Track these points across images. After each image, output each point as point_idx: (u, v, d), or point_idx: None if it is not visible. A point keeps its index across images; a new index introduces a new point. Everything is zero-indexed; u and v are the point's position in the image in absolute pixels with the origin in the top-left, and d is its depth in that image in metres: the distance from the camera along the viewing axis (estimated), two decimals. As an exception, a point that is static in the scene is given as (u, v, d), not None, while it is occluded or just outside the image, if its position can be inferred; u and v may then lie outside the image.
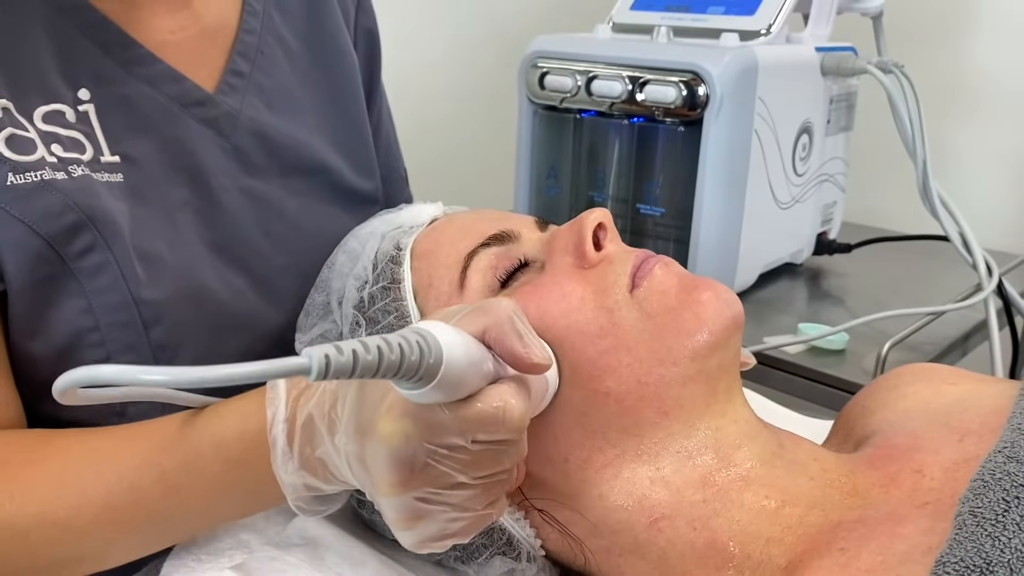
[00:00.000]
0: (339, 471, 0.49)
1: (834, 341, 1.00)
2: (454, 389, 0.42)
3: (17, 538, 0.52)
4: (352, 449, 0.46)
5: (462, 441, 0.43)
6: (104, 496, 0.52)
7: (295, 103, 0.73)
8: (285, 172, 0.70)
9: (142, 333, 0.59)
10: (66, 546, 0.53)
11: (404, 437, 0.43)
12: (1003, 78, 1.43)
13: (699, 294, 0.53)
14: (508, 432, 0.44)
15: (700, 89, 1.01)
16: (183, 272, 0.62)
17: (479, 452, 0.44)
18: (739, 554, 0.49)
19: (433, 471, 0.44)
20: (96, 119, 0.60)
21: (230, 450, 0.52)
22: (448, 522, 0.46)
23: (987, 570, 0.40)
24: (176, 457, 0.53)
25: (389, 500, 0.45)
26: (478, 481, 0.45)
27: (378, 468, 0.44)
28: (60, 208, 0.56)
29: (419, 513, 0.45)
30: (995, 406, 0.54)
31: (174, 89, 0.64)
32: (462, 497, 0.45)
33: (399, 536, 0.48)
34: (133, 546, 0.56)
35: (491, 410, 0.43)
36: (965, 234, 1.09)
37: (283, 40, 0.73)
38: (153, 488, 0.53)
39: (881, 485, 0.50)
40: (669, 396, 0.51)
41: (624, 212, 1.14)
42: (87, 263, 0.57)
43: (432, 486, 0.44)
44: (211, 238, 0.64)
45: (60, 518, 0.52)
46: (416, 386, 0.40)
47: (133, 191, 0.60)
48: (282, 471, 0.51)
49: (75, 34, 0.60)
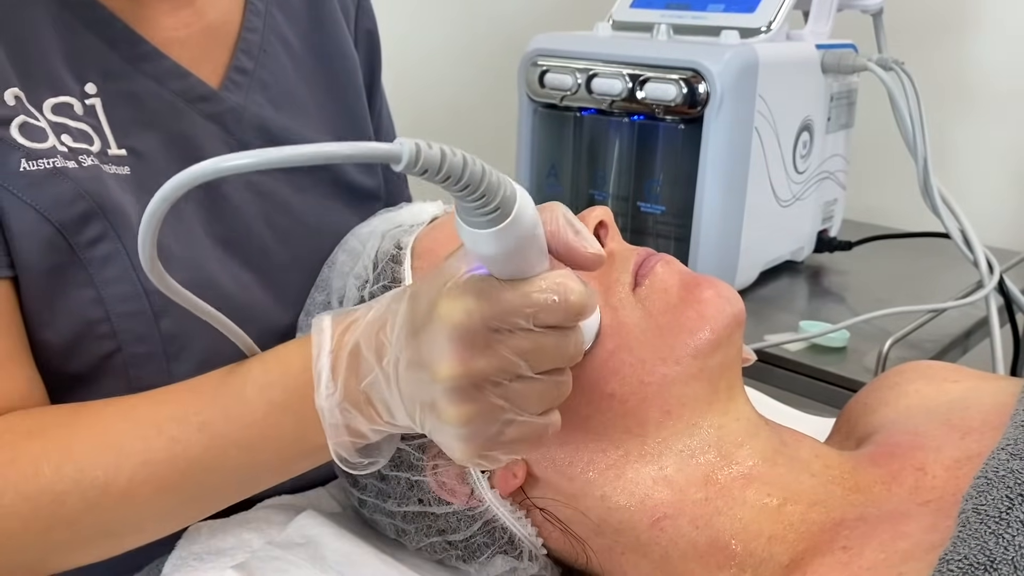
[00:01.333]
0: (385, 404, 0.47)
1: (835, 339, 1.00)
2: (519, 256, 0.41)
3: (56, 503, 0.50)
4: (405, 356, 0.45)
5: (524, 321, 0.42)
6: (143, 452, 0.51)
7: (298, 100, 0.73)
8: (288, 168, 0.70)
9: (153, 323, 0.59)
10: (106, 511, 0.51)
11: (466, 313, 0.41)
12: (1003, 75, 1.43)
13: (701, 292, 0.53)
14: (569, 312, 0.42)
15: (700, 87, 1.01)
16: (190, 264, 0.62)
17: (540, 337, 0.42)
18: (741, 552, 0.49)
19: (493, 354, 0.42)
20: (103, 113, 0.60)
21: (272, 392, 0.51)
22: (505, 425, 0.44)
23: (991, 567, 0.40)
24: (217, 405, 0.52)
25: (446, 387, 0.43)
26: (538, 375, 0.44)
27: (437, 350, 0.42)
28: (71, 196, 0.56)
29: (476, 406, 0.43)
30: (997, 403, 0.54)
31: (179, 85, 0.65)
32: (521, 392, 0.44)
33: (453, 443, 0.45)
34: (173, 508, 0.54)
35: (554, 285, 0.42)
36: (966, 231, 1.09)
37: (285, 39, 0.73)
38: (193, 440, 0.51)
39: (883, 483, 0.50)
40: (672, 395, 0.51)
41: (624, 210, 1.14)
42: (97, 253, 0.57)
43: (492, 371, 0.42)
44: (217, 232, 0.65)
45: (98, 478, 0.50)
46: (489, 221, 0.39)
47: (140, 184, 0.61)
48: (325, 406, 0.48)
49: (82, 30, 0.61)
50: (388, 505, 0.58)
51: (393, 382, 0.46)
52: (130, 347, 0.59)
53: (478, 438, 0.44)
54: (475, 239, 0.40)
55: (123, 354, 0.59)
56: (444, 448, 0.46)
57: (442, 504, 0.56)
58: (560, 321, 0.43)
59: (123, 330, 0.59)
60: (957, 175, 1.44)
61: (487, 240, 0.40)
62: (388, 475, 0.57)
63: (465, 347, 0.42)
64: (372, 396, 0.48)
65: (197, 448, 0.51)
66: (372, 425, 0.49)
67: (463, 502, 0.56)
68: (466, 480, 0.55)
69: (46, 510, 0.50)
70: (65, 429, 0.53)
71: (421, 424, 0.46)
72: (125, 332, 0.59)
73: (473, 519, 0.56)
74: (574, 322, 0.44)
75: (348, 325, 0.49)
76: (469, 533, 0.57)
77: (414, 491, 0.57)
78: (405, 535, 0.60)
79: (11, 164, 0.55)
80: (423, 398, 0.45)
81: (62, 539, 0.52)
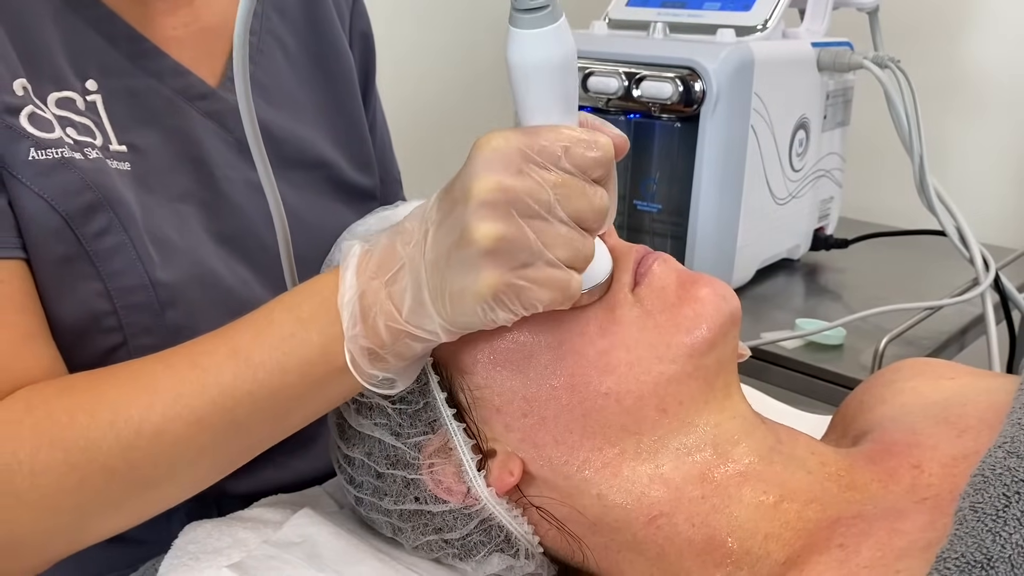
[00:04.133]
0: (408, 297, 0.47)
1: (831, 336, 1.00)
2: (557, 87, 0.45)
3: (91, 449, 0.49)
4: (435, 214, 0.46)
5: (558, 155, 0.44)
6: (175, 386, 0.50)
7: (294, 100, 0.74)
8: (286, 166, 0.71)
9: (159, 315, 0.60)
10: (140, 452, 0.49)
11: (504, 139, 0.44)
12: (999, 72, 1.43)
13: (697, 290, 0.53)
14: (598, 156, 0.45)
15: (696, 85, 1.01)
16: (193, 257, 0.62)
17: (570, 178, 0.45)
18: (737, 550, 0.49)
19: (526, 178, 0.44)
20: (103, 109, 0.61)
21: (300, 309, 0.50)
22: (530, 257, 0.44)
23: (988, 565, 0.40)
24: (247, 331, 0.51)
25: (479, 201, 0.43)
26: (565, 219, 0.45)
27: (472, 173, 0.44)
28: (78, 186, 0.56)
29: (506, 225, 0.44)
30: (993, 401, 0.54)
31: (179, 83, 0.65)
32: (548, 231, 0.44)
33: (478, 269, 0.45)
34: (206, 446, 0.51)
35: (585, 132, 0.46)
36: (962, 229, 1.09)
37: (281, 40, 0.74)
38: (223, 366, 0.50)
39: (880, 480, 0.50)
40: (668, 393, 0.51)
41: (621, 208, 1.14)
42: (103, 245, 0.58)
43: (524, 191, 0.44)
44: (215, 228, 0.65)
45: (132, 418, 0.49)
46: (541, 18, 0.42)
47: (140, 180, 0.61)
48: (345, 301, 0.48)
49: (83, 27, 0.61)
50: (384, 503, 0.58)
51: (419, 257, 0.47)
52: (136, 339, 0.59)
53: (503, 263, 0.44)
54: (525, 44, 0.43)
55: (128, 347, 0.60)
56: (466, 292, 0.45)
57: (438, 502, 0.56)
58: (589, 166, 0.45)
59: (129, 323, 0.59)
60: (953, 173, 1.45)
61: (538, 43, 0.43)
62: (384, 473, 0.57)
63: (501, 165, 0.44)
64: (394, 289, 0.48)
65: (227, 374, 0.50)
66: (390, 322, 0.48)
67: (459, 500, 0.56)
68: (462, 479, 0.55)
69: (81, 457, 0.49)
70: (97, 380, 0.52)
71: (444, 288, 0.46)
72: (131, 324, 0.59)
73: (469, 517, 0.56)
74: (601, 173, 0.46)
75: (377, 237, 0.50)
76: (465, 531, 0.57)
77: (410, 489, 0.57)
78: (401, 533, 0.59)
79: (21, 152, 0.55)
80: (452, 239, 0.45)
81: (96, 494, 0.50)
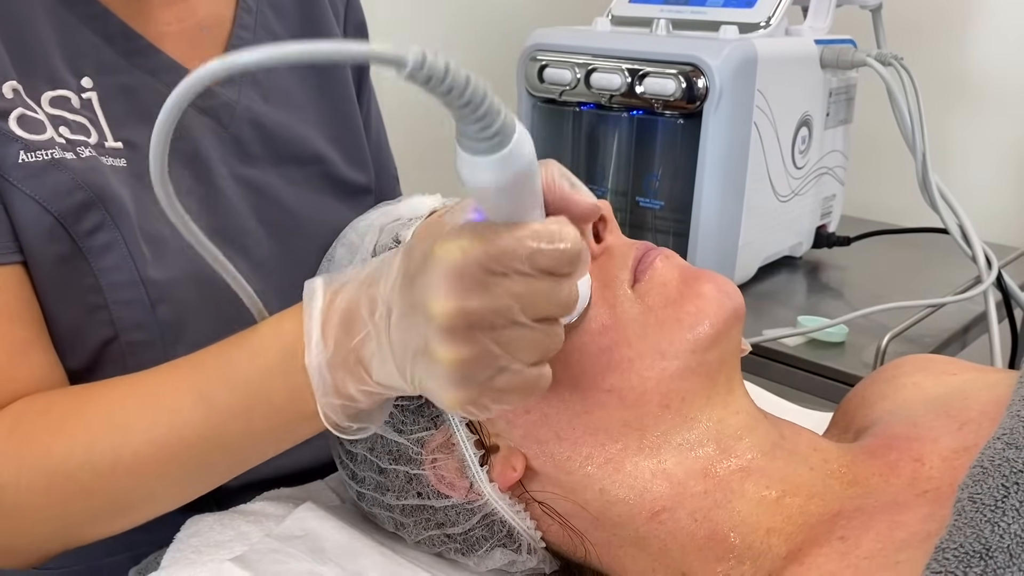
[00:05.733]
0: (376, 361, 0.47)
1: (833, 334, 1.00)
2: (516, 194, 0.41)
3: (70, 479, 0.52)
4: (398, 305, 0.44)
5: (519, 263, 0.41)
6: (147, 428, 0.51)
7: (290, 97, 0.74)
8: (281, 162, 0.72)
9: (150, 311, 0.60)
10: (117, 484, 0.52)
11: (461, 251, 0.41)
12: (1003, 70, 1.43)
13: (700, 286, 0.53)
14: (564, 256, 0.42)
15: (699, 81, 1.01)
16: (186, 254, 0.62)
17: (535, 282, 0.42)
18: (740, 545, 0.49)
19: (488, 294, 0.42)
20: (99, 106, 0.61)
21: (265, 357, 0.50)
22: (497, 372, 0.43)
23: (986, 555, 0.40)
24: (215, 375, 0.52)
25: (440, 326, 0.42)
26: (531, 322, 0.43)
27: (432, 289, 0.42)
28: (69, 186, 0.57)
29: (470, 348, 0.42)
30: (994, 395, 0.54)
31: (174, 79, 0.65)
32: (514, 338, 0.43)
33: (444, 388, 0.44)
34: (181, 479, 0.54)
35: (550, 230, 0.42)
36: (964, 227, 1.09)
37: (277, 37, 0.74)
38: (193, 410, 0.51)
39: (881, 474, 0.50)
40: (671, 389, 0.51)
41: (623, 205, 1.14)
42: (96, 242, 0.58)
43: (486, 312, 0.42)
44: (211, 224, 0.65)
45: (107, 454, 0.51)
46: (489, 147, 0.38)
47: (137, 177, 0.61)
48: (314, 364, 0.48)
49: (77, 24, 0.62)
50: (387, 498, 0.58)
51: (384, 334, 0.46)
52: (128, 335, 0.60)
53: (470, 383, 0.43)
54: (473, 168, 0.39)
55: (120, 342, 0.60)
56: (434, 396, 0.45)
57: (441, 497, 0.56)
58: (554, 266, 0.42)
59: (120, 318, 0.60)
60: (956, 171, 1.44)
61: (486, 169, 0.39)
62: (387, 468, 0.57)
63: (460, 285, 0.41)
64: (363, 354, 0.47)
65: (197, 418, 0.51)
66: (361, 386, 0.48)
67: (462, 495, 0.56)
68: (465, 474, 0.55)
69: (61, 486, 0.52)
70: (74, 409, 0.54)
71: (411, 376, 0.45)
72: (123, 320, 0.60)
73: (472, 512, 0.56)
74: (568, 269, 0.43)
75: (340, 287, 0.49)
76: (468, 526, 0.57)
77: (413, 484, 0.57)
78: (404, 528, 0.60)
79: (10, 156, 0.56)
80: (415, 343, 0.44)
81: (80, 511, 0.53)
